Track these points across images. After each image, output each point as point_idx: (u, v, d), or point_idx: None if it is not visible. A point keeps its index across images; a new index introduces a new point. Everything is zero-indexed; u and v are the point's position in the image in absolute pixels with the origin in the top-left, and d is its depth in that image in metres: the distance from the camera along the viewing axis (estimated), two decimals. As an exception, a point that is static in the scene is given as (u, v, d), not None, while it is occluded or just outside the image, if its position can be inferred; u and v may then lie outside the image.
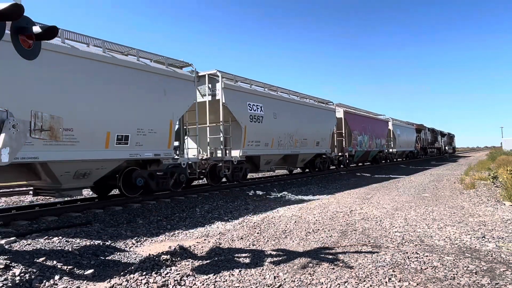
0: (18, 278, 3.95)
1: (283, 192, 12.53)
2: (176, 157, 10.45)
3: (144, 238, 6.45)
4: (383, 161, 30.05)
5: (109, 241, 5.99)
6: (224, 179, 12.90)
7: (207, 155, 12.33)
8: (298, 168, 19.67)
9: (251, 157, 13.59)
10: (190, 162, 10.96)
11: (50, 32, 4.65)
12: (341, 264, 4.33)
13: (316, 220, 7.09)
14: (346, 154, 21.89)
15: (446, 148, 58.10)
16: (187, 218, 8.26)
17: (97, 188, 9.96)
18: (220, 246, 5.45)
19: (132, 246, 5.91)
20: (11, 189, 13.05)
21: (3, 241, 4.70)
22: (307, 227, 6.50)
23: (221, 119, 12.00)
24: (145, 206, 9.19)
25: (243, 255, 4.92)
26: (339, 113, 21.21)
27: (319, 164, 19.36)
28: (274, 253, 4.97)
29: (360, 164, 26.88)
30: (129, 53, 9.43)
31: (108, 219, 7.74)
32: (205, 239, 6.06)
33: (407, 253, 4.69)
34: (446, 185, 13.23)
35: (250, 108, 12.99)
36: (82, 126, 7.66)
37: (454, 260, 4.38)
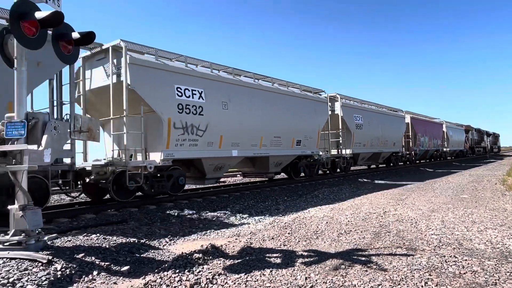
0: (59, 272, 4.15)
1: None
2: (321, 153, 15.53)
3: (177, 237, 6.59)
4: (438, 159, 33.85)
5: (143, 239, 6.16)
6: (338, 170, 18.13)
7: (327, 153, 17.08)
8: (373, 164, 24.44)
9: (353, 155, 18.24)
10: (326, 157, 16.09)
11: (88, 37, 4.86)
12: (374, 267, 4.23)
13: (348, 221, 6.97)
14: (413, 152, 26.26)
15: (492, 147, 60.77)
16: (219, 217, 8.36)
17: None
18: (251, 245, 5.47)
19: (165, 244, 6.05)
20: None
21: (46, 237, 4.94)
22: (339, 228, 6.40)
23: (340, 128, 17.24)
24: (177, 205, 9.39)
25: (274, 255, 4.91)
26: (407, 119, 25.83)
27: (394, 161, 24.18)
28: (305, 253, 4.93)
29: (417, 161, 30.31)
30: (294, 86, 14.24)
31: (143, 218, 7.97)
32: (236, 239, 6.11)
33: (444, 256, 4.51)
34: (486, 186, 12.62)
35: (356, 119, 18.18)
36: (283, 135, 12.90)
37: (495, 265, 4.17)
